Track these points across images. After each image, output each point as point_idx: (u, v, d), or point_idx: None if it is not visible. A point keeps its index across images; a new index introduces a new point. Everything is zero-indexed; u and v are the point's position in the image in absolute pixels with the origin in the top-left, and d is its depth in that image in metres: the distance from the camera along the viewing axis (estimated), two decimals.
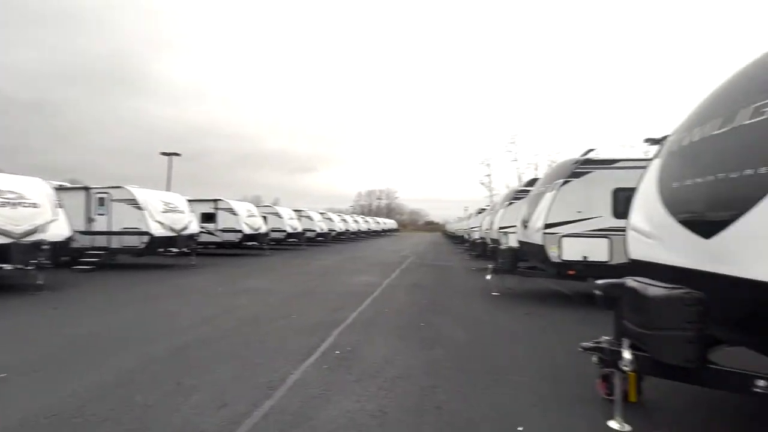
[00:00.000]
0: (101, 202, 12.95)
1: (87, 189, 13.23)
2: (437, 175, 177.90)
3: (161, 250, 13.05)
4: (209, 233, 18.07)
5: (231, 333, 5.51)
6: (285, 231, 22.94)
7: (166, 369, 4.07)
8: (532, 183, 12.61)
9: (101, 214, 12.88)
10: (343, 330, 5.73)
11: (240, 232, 18.15)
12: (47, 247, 8.84)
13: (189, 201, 15.63)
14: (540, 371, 4.14)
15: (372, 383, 3.76)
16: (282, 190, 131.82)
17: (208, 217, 18.34)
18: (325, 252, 22.49)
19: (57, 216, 9.74)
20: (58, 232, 9.56)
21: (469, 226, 25.20)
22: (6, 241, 8.39)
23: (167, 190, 22.59)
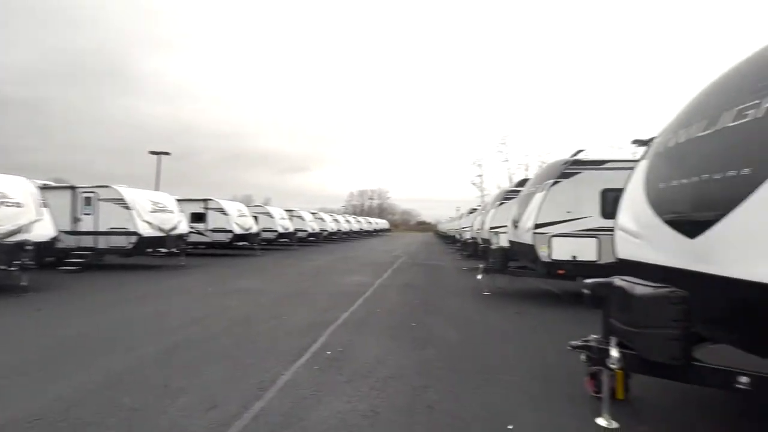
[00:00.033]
0: (88, 201, 12.72)
1: (73, 188, 12.98)
2: (429, 176, 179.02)
3: (150, 250, 12.89)
4: (199, 233, 17.88)
5: (221, 334, 5.46)
6: (276, 231, 22.79)
7: (154, 371, 4.01)
8: (522, 183, 12.72)
9: (87, 213, 12.65)
10: (335, 330, 5.71)
11: (230, 232, 17.99)
12: (31, 248, 8.65)
13: (178, 201, 15.46)
14: (530, 370, 4.18)
15: (363, 383, 3.76)
16: (273, 189, 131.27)
17: (198, 217, 18.15)
18: (317, 252, 22.39)
19: (41, 216, 9.54)
20: (42, 232, 9.36)
21: (461, 226, 25.34)
22: None
23: (156, 189, 22.31)
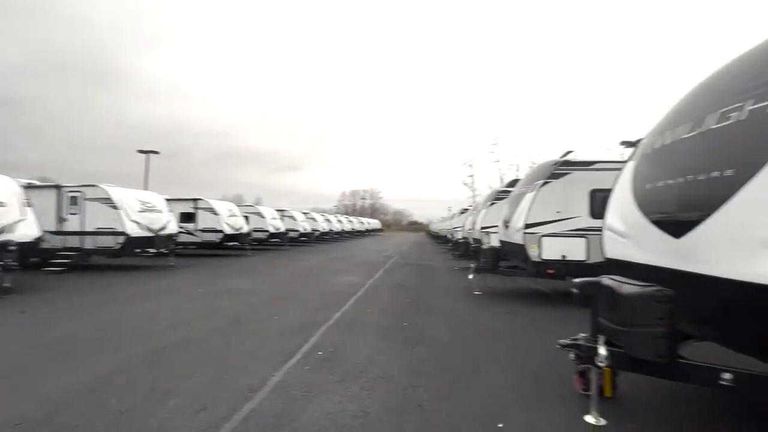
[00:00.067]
0: (73, 201, 12.47)
1: (58, 187, 12.72)
2: (421, 176, 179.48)
3: (138, 250, 12.70)
4: (189, 233, 17.66)
5: (211, 335, 5.40)
6: (267, 231, 22.62)
7: (141, 373, 3.95)
8: (513, 184, 12.82)
9: (74, 213, 12.40)
10: (326, 330, 5.69)
11: (221, 232, 17.81)
12: (14, 248, 8.46)
13: (168, 200, 15.26)
14: (521, 370, 4.21)
15: (354, 383, 3.75)
16: (265, 189, 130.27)
17: (187, 217, 17.93)
18: (309, 252, 22.29)
19: (25, 215, 9.33)
20: (26, 232, 9.16)
21: (452, 226, 25.44)
22: None
23: (145, 188, 21.98)
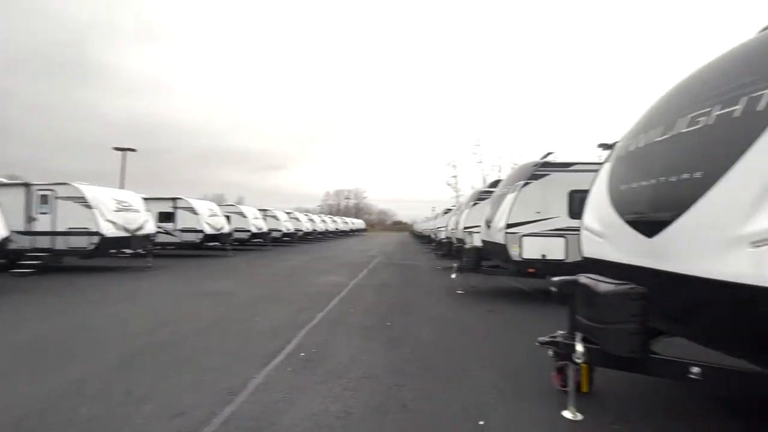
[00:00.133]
0: (44, 199, 11.97)
1: (27, 185, 12.18)
2: (405, 176, 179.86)
3: (114, 251, 12.32)
4: (167, 233, 17.22)
5: (189, 337, 5.27)
6: (249, 231, 22.28)
7: (116, 377, 3.82)
8: (495, 184, 13.02)
9: (44, 212, 11.91)
10: (309, 331, 5.65)
11: (201, 232, 17.43)
12: None
13: (146, 199, 14.84)
14: (502, 367, 4.28)
15: (337, 384, 3.74)
16: (247, 188, 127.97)
17: (166, 217, 17.49)
18: (292, 252, 22.05)
19: None
20: None
21: (436, 226, 25.65)
22: None
23: (121, 187, 21.29)
